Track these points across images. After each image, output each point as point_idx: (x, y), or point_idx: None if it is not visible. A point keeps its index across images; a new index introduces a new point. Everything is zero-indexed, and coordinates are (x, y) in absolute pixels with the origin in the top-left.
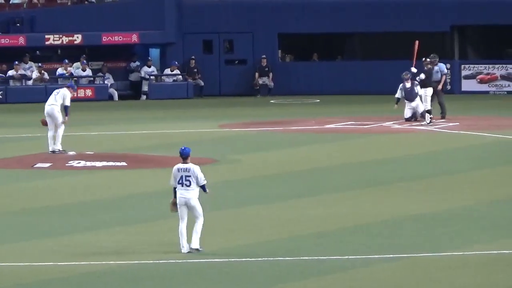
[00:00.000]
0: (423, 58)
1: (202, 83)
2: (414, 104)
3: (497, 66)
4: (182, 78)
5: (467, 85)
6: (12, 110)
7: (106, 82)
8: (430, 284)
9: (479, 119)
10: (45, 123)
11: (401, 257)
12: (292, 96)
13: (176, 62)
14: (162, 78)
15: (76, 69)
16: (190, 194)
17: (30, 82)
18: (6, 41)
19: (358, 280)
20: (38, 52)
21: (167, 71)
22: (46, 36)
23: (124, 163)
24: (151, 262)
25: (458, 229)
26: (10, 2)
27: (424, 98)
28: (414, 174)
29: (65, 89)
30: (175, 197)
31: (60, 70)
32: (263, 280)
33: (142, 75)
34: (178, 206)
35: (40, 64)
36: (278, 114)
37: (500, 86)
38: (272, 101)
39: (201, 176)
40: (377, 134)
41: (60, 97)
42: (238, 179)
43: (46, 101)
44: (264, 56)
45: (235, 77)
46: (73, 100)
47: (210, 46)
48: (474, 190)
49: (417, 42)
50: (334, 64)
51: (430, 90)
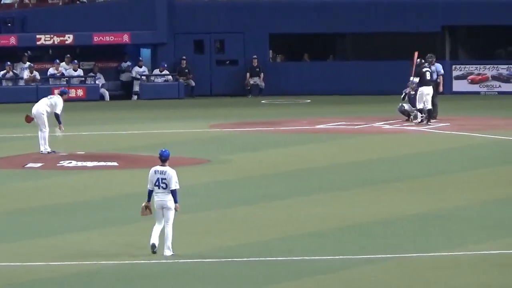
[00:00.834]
0: (418, 59)
1: (193, 83)
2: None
3: (488, 66)
4: (173, 78)
5: (458, 85)
6: (3, 110)
7: (97, 82)
8: (423, 284)
9: (470, 120)
10: (29, 120)
11: (394, 257)
12: (283, 96)
13: (164, 64)
14: (153, 78)
15: (66, 69)
16: (167, 197)
17: (22, 82)
18: None
19: (352, 280)
20: (29, 52)
21: (157, 72)
22: (37, 36)
23: (115, 163)
24: (142, 262)
25: (451, 229)
26: (1, 2)
27: (420, 96)
28: (405, 174)
29: (57, 97)
30: (149, 200)
31: (51, 70)
32: (257, 280)
33: (133, 75)
34: (156, 209)
35: (31, 64)
36: (269, 114)
37: (491, 86)
38: (263, 101)
39: (175, 180)
40: (368, 135)
41: (51, 104)
42: (229, 179)
43: (37, 101)
44: (255, 56)
45: (226, 77)
46: (64, 100)
47: (201, 46)
48: (465, 191)
49: (416, 53)
50: (325, 64)
51: (427, 89)
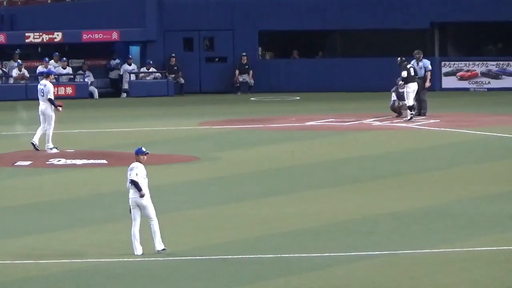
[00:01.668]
0: (398, 58)
1: (183, 81)
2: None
3: (477, 63)
4: (162, 76)
5: (448, 82)
6: None
7: (86, 80)
8: (410, 281)
9: (460, 116)
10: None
11: (380, 254)
12: (272, 93)
13: (150, 61)
14: (143, 75)
15: (55, 67)
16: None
17: (11, 80)
18: None
19: (338, 277)
20: (18, 50)
21: (144, 70)
22: (26, 34)
23: (104, 161)
24: (132, 260)
25: (437, 226)
26: None
27: (406, 95)
28: (394, 171)
29: (46, 81)
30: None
31: (40, 68)
32: (244, 277)
33: (122, 73)
34: (131, 208)
35: (19, 61)
36: (259, 112)
37: (480, 83)
38: (252, 98)
39: (136, 172)
40: (357, 132)
41: (46, 93)
42: (218, 177)
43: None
44: (244, 53)
45: (216, 74)
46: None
47: (190, 44)
48: (453, 187)
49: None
50: (314, 61)
51: (412, 85)
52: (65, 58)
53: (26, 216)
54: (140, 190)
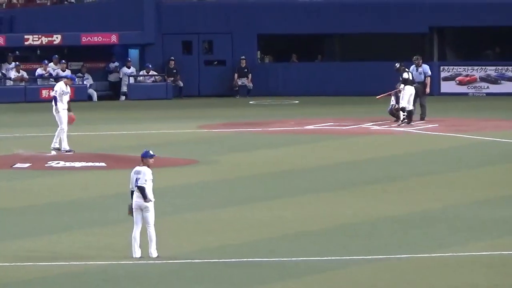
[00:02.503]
0: (396, 64)
1: (181, 84)
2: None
3: (476, 67)
4: (161, 79)
5: (446, 86)
6: None
7: (85, 82)
8: (408, 285)
9: (458, 121)
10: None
11: (378, 258)
12: (271, 97)
13: (149, 65)
14: (141, 78)
15: (54, 70)
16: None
17: (10, 83)
18: None
19: (336, 281)
20: (17, 52)
21: (143, 73)
22: (25, 36)
23: (103, 164)
24: (130, 262)
25: (435, 230)
26: None
27: (401, 97)
28: (392, 175)
29: (60, 82)
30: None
31: (39, 71)
32: (242, 281)
33: (121, 76)
34: (134, 210)
35: (17, 63)
36: (257, 115)
37: (479, 87)
38: (251, 102)
39: (145, 178)
40: (355, 136)
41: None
42: (216, 180)
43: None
44: (243, 57)
45: (214, 78)
46: (51, 100)
47: (189, 47)
48: (451, 192)
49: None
50: (313, 65)
51: (408, 89)
52: (64, 61)
53: (25, 218)
54: (145, 198)
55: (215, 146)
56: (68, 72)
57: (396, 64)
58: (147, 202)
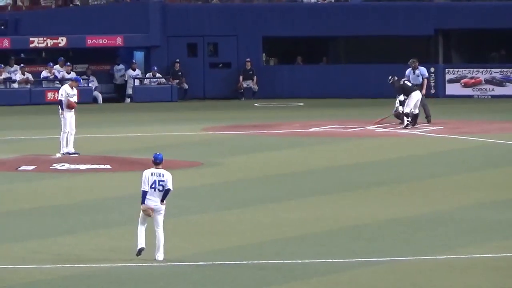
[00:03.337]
0: (389, 77)
1: (187, 86)
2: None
3: (481, 70)
4: (166, 81)
5: (451, 89)
6: None
7: (90, 85)
8: (412, 287)
9: (463, 123)
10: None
11: (383, 260)
12: (276, 99)
13: (155, 67)
14: (146, 81)
15: (59, 72)
16: (159, 201)
17: (15, 85)
18: None
19: (341, 283)
20: (22, 54)
21: (149, 76)
22: (31, 38)
23: (108, 166)
24: (134, 265)
25: (440, 232)
26: None
27: (407, 102)
28: (397, 177)
29: (65, 85)
30: (144, 202)
31: (44, 73)
32: (246, 283)
33: (126, 78)
34: (144, 210)
35: (22, 65)
36: (262, 118)
37: (484, 90)
38: (256, 104)
39: (171, 182)
40: (360, 138)
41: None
42: (221, 182)
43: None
44: (248, 59)
45: (219, 80)
46: (56, 102)
47: (194, 49)
48: (456, 194)
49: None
50: (318, 67)
51: (415, 94)
52: (69, 63)
53: (30, 220)
54: (163, 200)
55: (220, 148)
56: (73, 74)
57: (389, 78)
58: (163, 205)
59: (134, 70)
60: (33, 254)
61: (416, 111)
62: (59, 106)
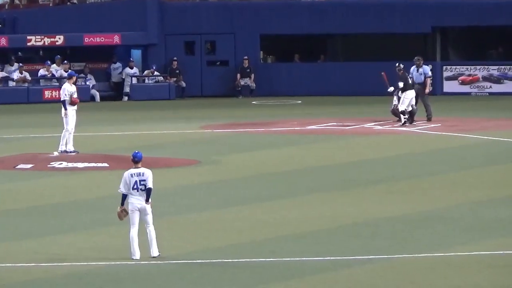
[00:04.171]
0: (397, 64)
1: (184, 84)
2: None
3: (478, 67)
4: (164, 79)
5: (449, 86)
6: None
7: (87, 83)
8: (411, 285)
9: (461, 120)
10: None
11: (381, 258)
12: (274, 97)
13: (153, 66)
14: (144, 79)
15: (56, 70)
16: (144, 200)
17: (13, 84)
18: None
19: (339, 281)
20: (20, 53)
21: (146, 73)
22: (28, 37)
23: (106, 164)
24: (132, 263)
25: (438, 230)
26: None
27: (402, 100)
28: (395, 175)
29: (66, 84)
30: (123, 204)
31: (42, 71)
32: (244, 281)
33: (124, 77)
34: (131, 212)
35: (20, 64)
36: (260, 115)
37: (481, 87)
38: (254, 102)
39: (151, 180)
40: (358, 136)
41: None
42: (219, 181)
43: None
44: (246, 57)
45: (217, 78)
46: (53, 101)
47: (192, 47)
48: (454, 191)
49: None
50: (316, 65)
51: (409, 93)
52: (66, 61)
53: (28, 219)
54: (148, 199)
55: (217, 146)
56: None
57: (400, 64)
58: (148, 204)
59: (132, 68)
60: (31, 252)
61: (409, 109)
62: (63, 105)
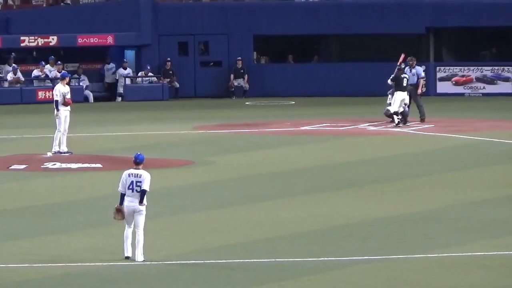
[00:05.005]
0: (402, 64)
1: (178, 85)
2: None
3: (472, 68)
4: (157, 80)
5: (442, 87)
6: None
7: (81, 83)
8: (405, 286)
9: (454, 121)
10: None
11: (375, 259)
12: (267, 98)
13: (148, 67)
14: (138, 79)
15: (50, 71)
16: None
17: (7, 84)
18: None
19: (333, 282)
20: (13, 53)
21: (141, 74)
22: (22, 37)
23: (99, 165)
24: (127, 263)
25: (432, 231)
26: None
27: (393, 101)
28: (389, 176)
29: (59, 85)
30: (121, 204)
31: (35, 72)
32: (239, 281)
33: (117, 77)
34: (127, 214)
35: (15, 65)
36: (253, 116)
37: (475, 88)
38: (247, 103)
39: (147, 183)
40: (352, 136)
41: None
42: (213, 181)
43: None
44: (239, 58)
45: (211, 79)
46: (47, 101)
47: (185, 48)
48: (449, 192)
49: (403, 56)
50: (309, 66)
51: (400, 94)
52: (60, 62)
53: (21, 219)
54: (142, 201)
55: (211, 147)
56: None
57: (402, 64)
58: (143, 206)
59: (125, 69)
60: (25, 253)
61: (401, 109)
62: (55, 106)
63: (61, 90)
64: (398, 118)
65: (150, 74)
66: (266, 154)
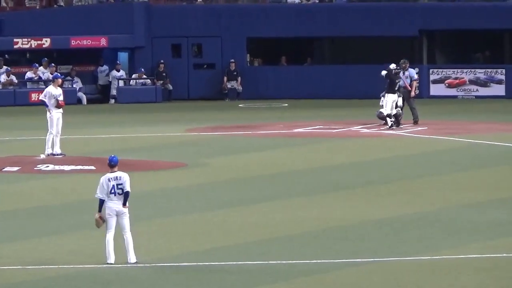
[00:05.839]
0: (398, 67)
1: (171, 87)
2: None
3: (465, 70)
4: (150, 82)
5: (436, 89)
6: None
7: (74, 86)
8: None
9: (447, 124)
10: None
11: (369, 261)
12: (260, 100)
13: (142, 69)
14: (131, 82)
15: (43, 73)
16: (121, 204)
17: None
18: None
19: (327, 284)
20: (6, 56)
21: (135, 77)
22: (15, 40)
23: (92, 167)
24: (119, 265)
25: (425, 233)
26: None
27: (385, 103)
28: (382, 178)
29: (49, 86)
30: (100, 210)
31: (29, 74)
32: (231, 284)
33: (111, 79)
34: (108, 216)
35: (8, 67)
36: (247, 118)
37: (468, 90)
38: (240, 105)
39: (129, 184)
40: (345, 139)
41: (47, 97)
42: (206, 183)
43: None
44: (232, 60)
45: (204, 81)
46: (40, 103)
47: (178, 50)
48: (441, 195)
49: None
50: (303, 68)
51: (390, 96)
52: (53, 64)
53: (14, 221)
54: (125, 203)
55: (204, 149)
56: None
57: (398, 67)
58: (126, 208)
59: (119, 71)
60: (18, 255)
61: (394, 112)
62: (44, 105)
63: (53, 92)
64: (391, 121)
65: (144, 76)
66: (259, 156)
